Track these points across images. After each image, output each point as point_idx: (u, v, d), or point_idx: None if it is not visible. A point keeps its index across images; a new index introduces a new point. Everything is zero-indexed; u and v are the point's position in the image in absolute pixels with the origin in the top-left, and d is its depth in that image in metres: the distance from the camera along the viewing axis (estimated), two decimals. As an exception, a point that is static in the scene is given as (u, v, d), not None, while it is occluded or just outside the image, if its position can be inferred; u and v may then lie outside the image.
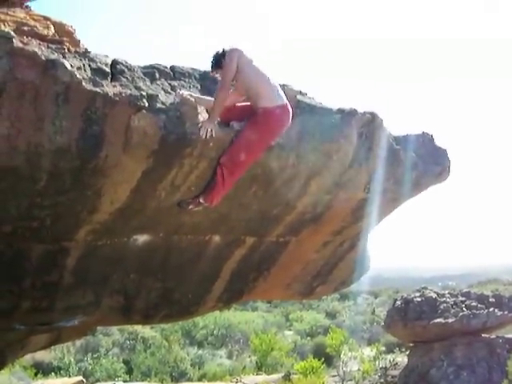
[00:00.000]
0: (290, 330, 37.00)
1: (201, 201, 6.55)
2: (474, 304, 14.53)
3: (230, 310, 32.30)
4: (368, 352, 24.49)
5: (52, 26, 7.21)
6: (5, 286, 6.67)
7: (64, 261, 6.74)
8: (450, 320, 13.94)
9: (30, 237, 6.21)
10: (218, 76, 6.29)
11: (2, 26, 6.02)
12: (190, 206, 6.62)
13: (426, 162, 8.35)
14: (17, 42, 5.15)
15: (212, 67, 6.29)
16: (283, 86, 7.02)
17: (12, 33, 5.32)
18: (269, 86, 6.18)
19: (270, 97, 6.13)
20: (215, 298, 8.75)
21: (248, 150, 6.15)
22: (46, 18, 7.41)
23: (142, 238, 7.05)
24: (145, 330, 28.33)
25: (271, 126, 6.18)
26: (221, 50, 6.23)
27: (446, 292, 15.90)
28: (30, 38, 5.74)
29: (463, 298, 14.98)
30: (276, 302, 41.86)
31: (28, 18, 7.14)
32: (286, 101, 6.22)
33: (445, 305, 14.45)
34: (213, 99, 6.01)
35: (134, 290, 7.70)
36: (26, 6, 7.86)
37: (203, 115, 5.96)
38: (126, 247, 7.02)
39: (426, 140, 8.50)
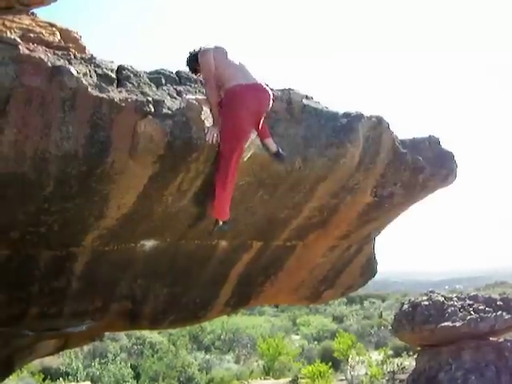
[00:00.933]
0: (297, 334, 37.00)
1: (216, 218, 6.62)
2: (481, 307, 14.43)
3: (238, 315, 32.34)
4: (376, 356, 24.47)
5: (58, 33, 7.24)
6: (13, 292, 6.69)
7: (72, 266, 6.75)
8: (457, 323, 13.84)
9: (38, 243, 6.23)
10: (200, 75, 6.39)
11: (8, 33, 6.06)
12: (215, 229, 6.73)
13: (433, 165, 8.31)
14: (23, 49, 5.18)
15: (190, 69, 6.45)
16: (288, 90, 7.04)
17: (18, 39, 5.35)
18: (234, 69, 6.11)
19: (232, 78, 6.03)
20: (223, 302, 8.74)
21: (225, 138, 5.96)
22: (52, 25, 7.44)
23: (149, 244, 7.06)
24: (152, 335, 28.35)
25: (233, 105, 5.99)
26: (193, 51, 6.36)
27: (454, 295, 15.79)
28: (35, 44, 5.78)
29: (471, 302, 14.88)
30: (283, 306, 41.83)
31: (34, 24, 7.17)
32: (253, 81, 6.07)
33: (452, 308, 14.35)
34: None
35: (142, 296, 7.70)
36: (32, 13, 7.90)
37: (209, 120, 5.97)
38: (133, 252, 7.03)
39: (432, 143, 8.47)
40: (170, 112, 5.71)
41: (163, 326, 9.22)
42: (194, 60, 6.34)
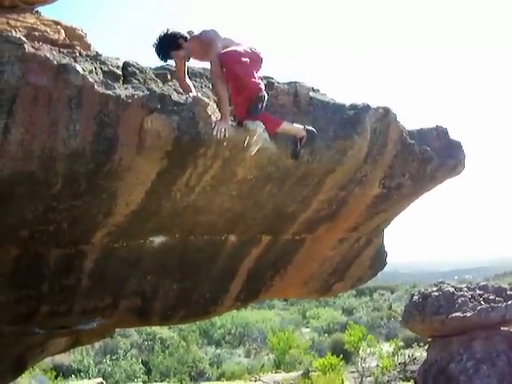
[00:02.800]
0: (308, 327, 37.01)
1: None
2: (491, 297, 14.37)
3: (247, 309, 32.38)
4: (386, 348, 24.42)
5: (63, 31, 7.23)
6: (23, 290, 6.71)
7: (81, 264, 6.76)
8: (468, 314, 13.79)
9: (47, 241, 6.24)
10: (174, 59, 6.09)
11: (13, 32, 6.04)
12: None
13: (441, 155, 8.28)
14: (28, 48, 5.17)
15: (165, 54, 6.04)
16: (295, 83, 7.02)
17: (23, 38, 5.34)
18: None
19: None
20: (233, 297, 8.74)
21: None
22: (57, 23, 7.43)
23: (158, 240, 7.06)
24: (163, 331, 28.41)
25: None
26: (168, 31, 6.04)
27: (464, 286, 15.74)
28: (41, 42, 5.77)
29: (481, 292, 14.81)
30: (292, 299, 41.88)
31: (38, 23, 7.16)
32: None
33: (462, 299, 14.30)
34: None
35: (152, 292, 7.71)
36: (36, 12, 7.89)
37: (216, 115, 5.95)
38: (142, 249, 7.03)
39: (440, 133, 8.43)
40: (176, 107, 5.69)
41: (173, 321, 9.24)
42: (173, 45, 6.03)
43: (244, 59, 5.87)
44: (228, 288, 8.50)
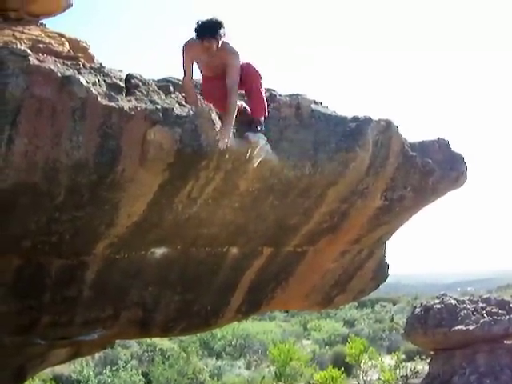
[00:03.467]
0: (309, 339, 36.82)
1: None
2: (494, 310, 14.36)
3: (248, 320, 32.23)
4: (388, 360, 24.31)
5: (67, 43, 7.30)
6: (25, 300, 6.71)
7: (83, 275, 6.77)
8: (470, 327, 13.78)
9: (50, 251, 6.25)
10: (207, 44, 6.10)
11: (18, 44, 6.09)
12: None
13: (443, 167, 8.29)
14: (33, 60, 5.21)
15: (207, 33, 6.07)
16: (297, 96, 7.05)
17: (28, 50, 5.39)
18: None
19: None
20: (234, 309, 8.73)
21: None
22: (61, 35, 7.50)
23: (159, 251, 7.06)
24: (163, 342, 28.30)
25: None
26: (214, 19, 6.10)
27: (466, 298, 15.72)
28: (45, 54, 5.81)
29: (483, 304, 14.80)
30: (293, 311, 41.74)
31: (43, 35, 7.23)
32: None
33: (465, 311, 14.29)
34: None
35: (153, 303, 7.70)
36: (41, 24, 7.95)
37: (217, 126, 5.97)
38: (144, 260, 7.03)
39: (442, 145, 8.45)
40: (179, 120, 5.72)
41: (174, 333, 9.21)
42: (214, 31, 6.08)
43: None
44: (229, 300, 8.49)
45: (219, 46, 6.12)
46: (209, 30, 6.06)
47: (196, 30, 6.10)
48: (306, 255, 8.48)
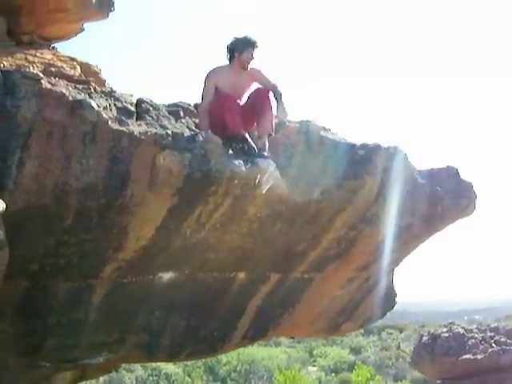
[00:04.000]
0: (314, 365, 36.57)
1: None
2: (503, 339, 14.27)
3: (253, 346, 32.03)
4: (395, 389, 24.10)
5: (78, 67, 7.38)
6: (31, 323, 6.69)
7: (90, 298, 6.75)
8: (478, 356, 13.69)
9: (57, 274, 6.25)
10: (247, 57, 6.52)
11: (31, 68, 6.16)
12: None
13: (452, 195, 8.28)
14: (45, 83, 5.26)
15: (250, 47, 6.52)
16: (306, 122, 7.07)
17: (40, 74, 5.44)
18: None
19: None
20: (240, 335, 8.67)
21: None
22: (73, 59, 7.58)
23: (167, 276, 7.05)
24: (168, 367, 28.15)
25: None
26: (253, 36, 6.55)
27: (474, 327, 15.63)
28: (57, 78, 5.88)
29: (492, 334, 14.72)
30: (299, 337, 41.46)
31: (55, 58, 7.32)
32: None
33: (473, 340, 14.20)
34: None
35: (159, 328, 7.66)
36: (53, 48, 8.05)
37: (228, 153, 5.99)
38: (151, 285, 7.02)
39: (451, 173, 8.44)
40: (188, 145, 5.74)
41: (180, 358, 9.16)
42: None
43: None
44: (236, 325, 8.44)
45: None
46: (251, 43, 6.52)
47: (237, 44, 6.53)
48: (313, 282, 8.44)
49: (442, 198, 8.10)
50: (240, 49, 6.49)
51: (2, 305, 6.23)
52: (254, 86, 6.73)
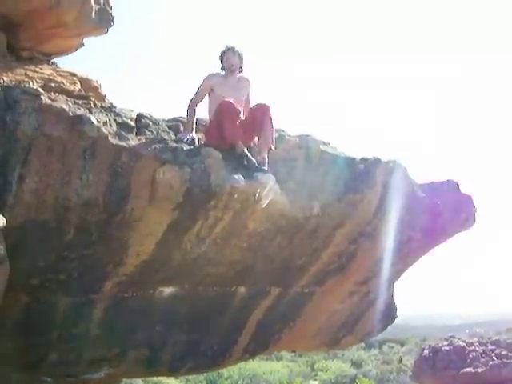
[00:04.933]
0: (316, 379, 36.37)
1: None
2: (504, 352, 14.22)
3: (255, 360, 31.90)
4: (396, 402, 23.97)
5: (78, 82, 7.41)
6: (32, 338, 6.68)
7: (90, 313, 6.75)
8: (480, 369, 13.64)
9: (57, 289, 6.24)
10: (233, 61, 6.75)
11: (31, 83, 6.19)
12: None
13: (452, 209, 8.28)
14: (45, 99, 5.30)
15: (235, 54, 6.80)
16: (306, 137, 7.08)
17: (40, 90, 5.47)
18: None
19: None
20: (241, 349, 8.65)
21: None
22: (73, 74, 7.62)
23: (167, 290, 7.04)
24: (169, 381, 28.01)
25: None
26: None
27: (475, 340, 15.58)
28: (57, 94, 5.91)
29: (493, 347, 14.67)
30: (301, 351, 41.22)
31: (55, 74, 7.35)
32: None
33: (474, 353, 14.16)
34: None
35: (160, 342, 7.64)
36: (53, 63, 8.09)
37: (227, 167, 6.00)
38: (151, 299, 7.01)
39: (450, 187, 8.45)
40: (188, 159, 5.75)
41: (181, 372, 9.12)
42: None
43: None
44: (236, 340, 8.42)
45: (241, 70, 6.82)
46: (230, 48, 6.79)
47: (221, 52, 6.81)
48: (313, 296, 8.43)
49: (442, 212, 8.11)
50: (222, 55, 6.78)
51: (3, 320, 6.23)
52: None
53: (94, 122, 5.38)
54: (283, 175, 6.62)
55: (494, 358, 14.26)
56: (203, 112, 6.70)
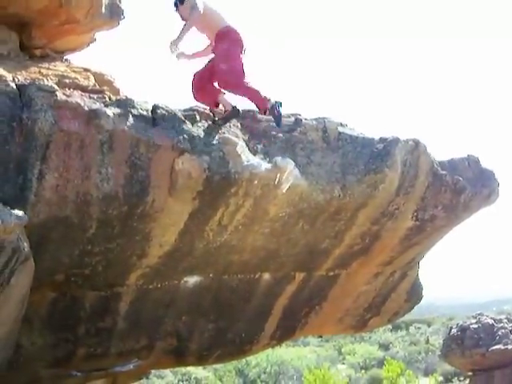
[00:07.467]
0: (344, 363, 36.43)
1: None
2: (533, 328, 14.13)
3: (282, 347, 31.99)
4: (425, 383, 23.94)
5: (92, 77, 7.41)
6: (60, 334, 6.75)
7: (117, 306, 6.80)
8: (509, 346, 13.56)
9: (83, 284, 6.29)
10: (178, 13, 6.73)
11: (45, 80, 6.19)
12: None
13: (474, 185, 8.18)
14: (60, 95, 5.31)
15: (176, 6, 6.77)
16: (323, 119, 7.04)
17: (55, 86, 5.48)
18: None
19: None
20: (268, 335, 8.66)
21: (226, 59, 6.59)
22: (86, 70, 7.62)
23: (192, 280, 7.06)
24: (198, 371, 28.20)
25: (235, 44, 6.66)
26: None
27: (503, 317, 15.48)
28: (71, 89, 5.91)
29: (522, 323, 14.57)
30: (327, 335, 41.25)
31: (69, 70, 7.36)
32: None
33: (503, 330, 14.07)
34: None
35: (187, 332, 7.68)
36: (66, 59, 8.10)
37: (246, 154, 5.99)
38: (176, 289, 7.04)
39: (471, 162, 8.36)
40: (206, 148, 5.75)
41: (209, 361, 9.17)
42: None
43: None
44: (263, 327, 8.43)
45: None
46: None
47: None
48: (338, 279, 8.40)
49: (465, 188, 8.01)
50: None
51: (31, 317, 6.29)
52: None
53: (110, 114, 5.39)
54: (302, 158, 6.59)
55: (524, 334, 14.17)
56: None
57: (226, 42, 6.62)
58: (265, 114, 6.52)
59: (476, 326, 14.39)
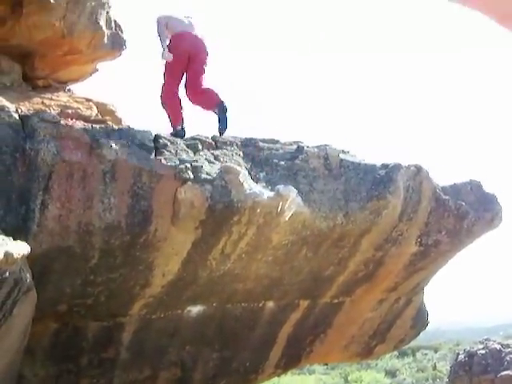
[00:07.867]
0: (351, 391, 36.02)
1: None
2: (541, 353, 14.00)
3: (287, 375, 31.67)
4: (433, 410, 23.65)
5: (94, 107, 7.48)
6: (63, 365, 6.69)
7: (120, 336, 6.75)
8: (517, 372, 13.42)
9: (85, 314, 6.25)
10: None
11: (48, 111, 6.25)
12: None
13: (476, 209, 8.18)
14: (62, 125, 5.33)
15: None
16: (325, 146, 7.05)
17: (57, 117, 5.52)
18: (177, 23, 7.34)
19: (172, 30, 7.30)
20: (273, 364, 8.59)
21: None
22: (88, 100, 7.70)
23: (195, 309, 7.02)
24: (203, 400, 27.90)
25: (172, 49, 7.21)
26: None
27: (511, 341, 15.34)
28: (74, 119, 5.96)
29: (529, 348, 14.44)
30: (333, 363, 40.83)
31: (71, 100, 7.43)
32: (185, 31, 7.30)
33: (511, 356, 13.94)
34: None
35: (191, 362, 7.62)
36: (69, 90, 8.18)
37: (248, 182, 5.99)
38: (180, 319, 6.99)
39: (474, 187, 8.36)
40: (208, 177, 5.76)
41: (214, 391, 9.09)
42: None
43: None
44: (268, 355, 8.37)
45: None
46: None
47: None
48: (343, 306, 8.36)
49: (468, 213, 8.01)
50: None
51: (33, 348, 6.24)
52: None
53: (113, 144, 5.41)
54: (304, 186, 6.59)
55: (532, 359, 14.03)
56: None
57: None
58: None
59: (483, 351, 14.28)
